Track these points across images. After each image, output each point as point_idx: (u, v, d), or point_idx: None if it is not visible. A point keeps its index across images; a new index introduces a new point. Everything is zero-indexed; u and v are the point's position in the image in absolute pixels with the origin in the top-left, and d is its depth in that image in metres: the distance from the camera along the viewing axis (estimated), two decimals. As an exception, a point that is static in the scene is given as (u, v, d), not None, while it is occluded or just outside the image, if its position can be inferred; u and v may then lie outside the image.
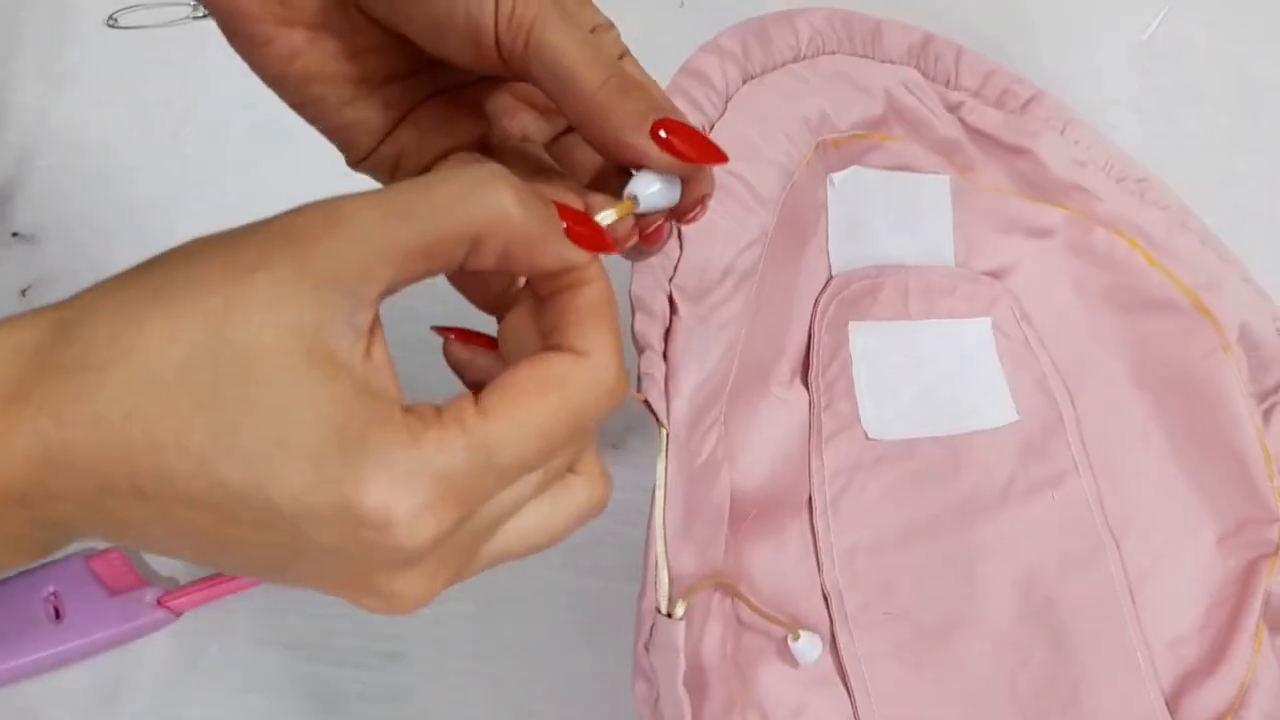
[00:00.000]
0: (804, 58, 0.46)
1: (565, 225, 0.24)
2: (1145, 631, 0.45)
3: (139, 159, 0.50)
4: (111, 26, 0.53)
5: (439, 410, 0.22)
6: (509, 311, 0.26)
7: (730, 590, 0.38)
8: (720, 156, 0.26)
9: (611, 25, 0.27)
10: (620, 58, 0.26)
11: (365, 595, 0.22)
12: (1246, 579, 0.46)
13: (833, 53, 0.47)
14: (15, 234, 0.48)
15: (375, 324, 0.22)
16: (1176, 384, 0.48)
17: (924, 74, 0.49)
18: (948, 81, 0.49)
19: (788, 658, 0.42)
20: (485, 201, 0.22)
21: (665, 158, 0.26)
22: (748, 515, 0.42)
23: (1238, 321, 0.47)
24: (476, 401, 0.22)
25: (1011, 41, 0.58)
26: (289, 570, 0.22)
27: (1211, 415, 0.47)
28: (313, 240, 0.21)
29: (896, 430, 0.47)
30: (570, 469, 0.25)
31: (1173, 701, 0.44)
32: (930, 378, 0.48)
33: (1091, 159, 0.49)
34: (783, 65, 0.46)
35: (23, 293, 0.48)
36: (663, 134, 0.25)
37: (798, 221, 0.46)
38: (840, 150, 0.47)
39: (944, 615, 0.44)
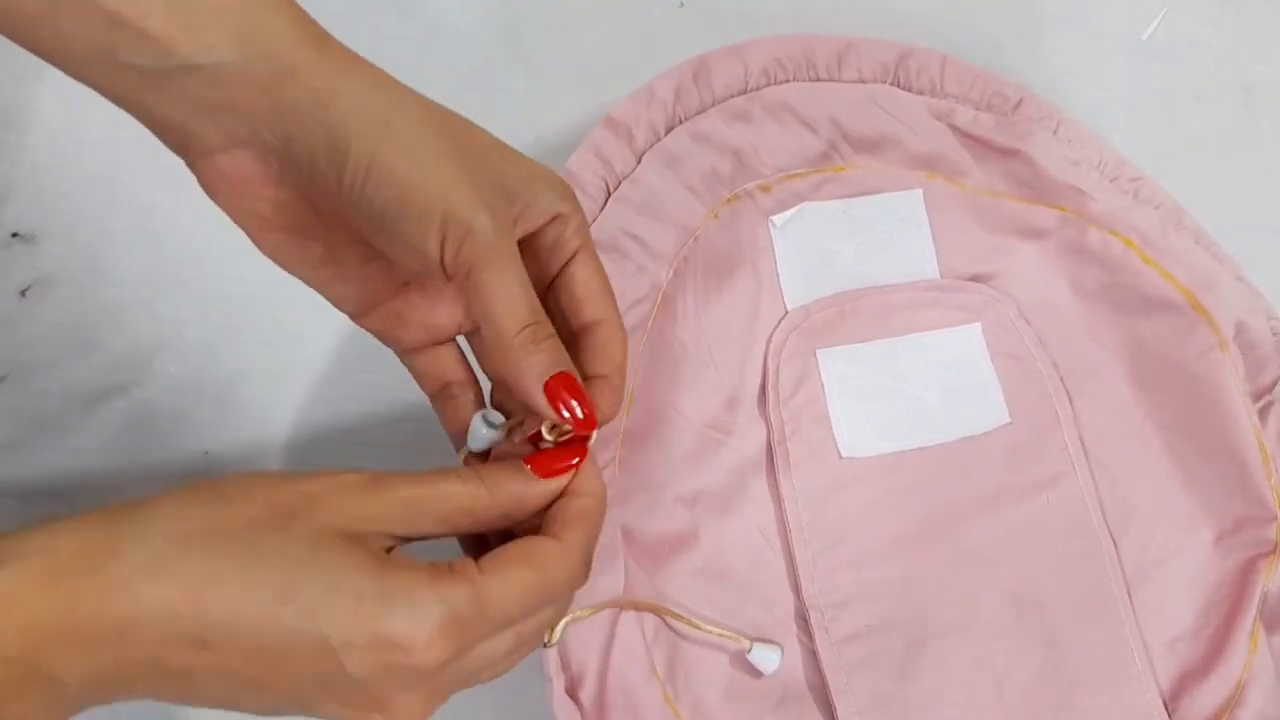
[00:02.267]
0: (751, 89, 0.47)
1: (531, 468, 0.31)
2: (1143, 632, 0.46)
3: (139, 159, 0.50)
4: (111, 26, 0.53)
5: (450, 566, 0.28)
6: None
7: (645, 608, 0.41)
8: (591, 424, 0.31)
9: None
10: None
11: (374, 711, 0.28)
12: (1244, 578, 0.46)
13: (785, 81, 0.48)
14: (15, 234, 0.48)
15: (390, 542, 0.29)
16: (1174, 383, 0.48)
17: (904, 87, 0.50)
18: (933, 91, 0.50)
19: (747, 674, 0.43)
20: (452, 510, 0.30)
21: (550, 411, 0.31)
22: (664, 550, 0.44)
23: (1233, 320, 0.47)
24: (478, 564, 0.29)
25: (1012, 42, 0.58)
26: (313, 703, 0.28)
27: (1209, 414, 0.47)
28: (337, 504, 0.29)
29: (875, 447, 0.47)
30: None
31: (1171, 702, 0.45)
32: (915, 390, 0.48)
33: (1084, 158, 0.50)
34: (724, 100, 0.47)
35: (22, 293, 0.48)
36: (556, 391, 0.31)
37: (716, 271, 0.47)
38: (772, 194, 0.48)
39: (931, 624, 0.45)
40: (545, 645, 0.36)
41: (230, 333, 0.49)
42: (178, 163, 0.51)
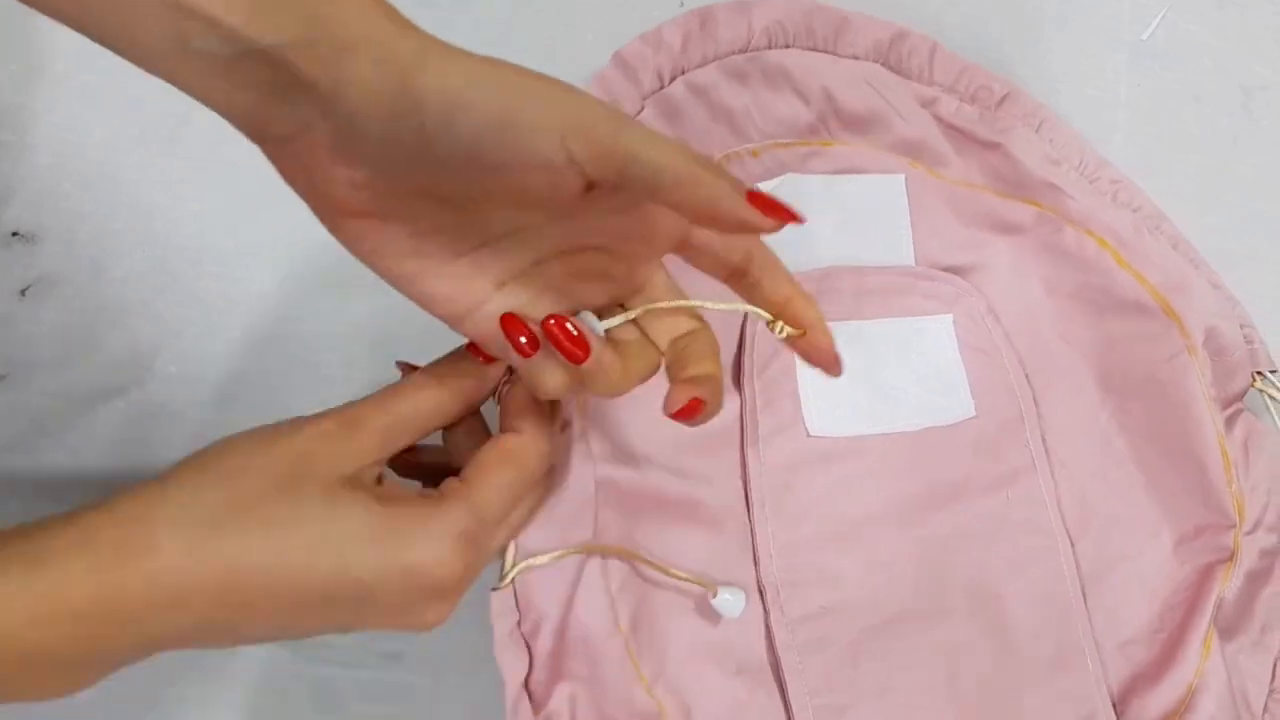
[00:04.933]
0: (752, 49, 0.47)
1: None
2: (1096, 632, 0.46)
3: (138, 159, 0.50)
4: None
5: (440, 490, 0.33)
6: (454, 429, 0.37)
7: (607, 551, 0.40)
8: (794, 216, 0.29)
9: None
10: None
11: (407, 624, 0.32)
12: (1200, 584, 0.46)
13: (785, 46, 0.47)
14: (15, 234, 0.48)
15: (379, 469, 0.33)
16: (1141, 386, 0.48)
17: (895, 70, 0.49)
18: (920, 77, 0.49)
19: (709, 639, 0.42)
20: (424, 419, 0.34)
21: (762, 219, 0.29)
22: (647, 504, 0.43)
23: (1204, 325, 0.47)
24: (460, 478, 0.34)
25: (1012, 41, 0.58)
26: (353, 625, 0.32)
27: (1174, 418, 0.47)
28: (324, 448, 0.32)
29: (843, 428, 0.47)
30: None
31: (1120, 703, 0.45)
32: (884, 375, 0.48)
33: (1065, 157, 0.50)
34: (726, 56, 0.46)
35: (22, 293, 0.48)
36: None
37: None
38: (761, 160, 0.48)
39: (886, 610, 0.45)
40: (495, 589, 0.38)
41: (230, 333, 0.49)
42: (178, 163, 0.51)
